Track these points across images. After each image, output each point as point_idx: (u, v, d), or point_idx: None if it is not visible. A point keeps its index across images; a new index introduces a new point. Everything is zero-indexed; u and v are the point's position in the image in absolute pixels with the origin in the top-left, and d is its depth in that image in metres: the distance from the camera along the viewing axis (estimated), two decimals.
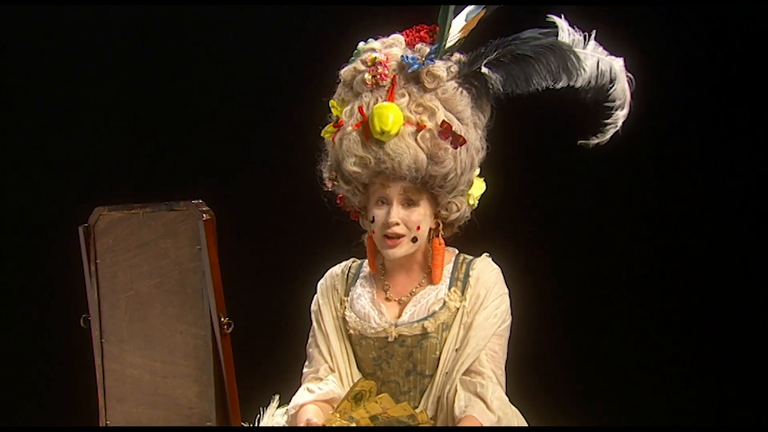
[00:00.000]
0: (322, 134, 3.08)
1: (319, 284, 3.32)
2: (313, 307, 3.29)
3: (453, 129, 2.96)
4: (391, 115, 2.88)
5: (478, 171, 3.11)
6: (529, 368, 3.56)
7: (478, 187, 3.14)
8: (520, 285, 3.19)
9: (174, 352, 2.84)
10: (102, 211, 2.96)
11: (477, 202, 3.15)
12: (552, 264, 4.29)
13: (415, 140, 2.94)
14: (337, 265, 3.31)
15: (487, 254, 3.18)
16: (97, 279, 2.97)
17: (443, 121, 2.94)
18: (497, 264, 3.16)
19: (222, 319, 2.73)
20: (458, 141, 2.93)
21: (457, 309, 3.07)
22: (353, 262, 3.30)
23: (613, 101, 3.05)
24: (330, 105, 3.07)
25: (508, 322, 3.11)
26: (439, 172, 2.95)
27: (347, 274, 3.24)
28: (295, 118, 3.64)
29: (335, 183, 3.07)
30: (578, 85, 3.00)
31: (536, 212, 4.32)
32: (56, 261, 4.34)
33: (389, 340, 3.10)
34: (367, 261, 3.27)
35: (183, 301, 2.78)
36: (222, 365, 2.72)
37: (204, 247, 2.74)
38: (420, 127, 2.93)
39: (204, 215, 2.74)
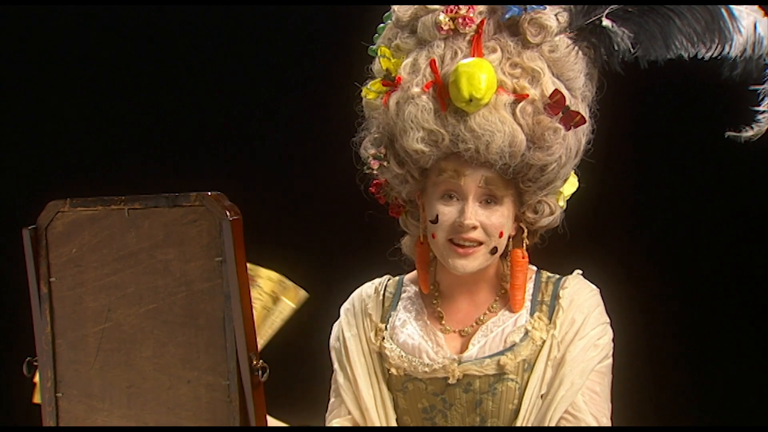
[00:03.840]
0: (362, 94, 2.37)
1: (343, 310, 2.61)
2: (334, 342, 2.60)
3: (567, 102, 2.27)
4: (483, 75, 2.22)
5: (579, 161, 2.44)
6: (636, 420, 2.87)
7: (571, 184, 2.46)
8: (622, 314, 2.58)
9: (177, 410, 2.14)
10: (60, 207, 2.24)
11: (566, 203, 2.47)
12: (663, 288, 3.64)
13: (513, 114, 2.25)
14: (367, 284, 2.63)
15: (580, 272, 2.49)
16: (51, 305, 2.26)
17: (555, 90, 2.27)
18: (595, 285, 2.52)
19: (254, 362, 2.05)
20: (573, 120, 2.25)
21: (543, 341, 2.38)
22: (389, 279, 2.58)
23: None
24: (377, 52, 2.34)
25: (611, 359, 2.44)
26: (541, 161, 2.29)
27: (382, 295, 2.57)
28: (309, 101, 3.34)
29: (383, 164, 2.34)
30: (732, 53, 2.30)
31: (645, 222, 3.65)
32: None
33: (450, 382, 2.42)
34: (407, 277, 2.58)
35: (192, 336, 2.12)
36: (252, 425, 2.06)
37: (229, 259, 2.04)
38: (519, 96, 2.25)
39: (228, 213, 2.05)
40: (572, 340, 2.49)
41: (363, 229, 2.69)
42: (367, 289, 2.66)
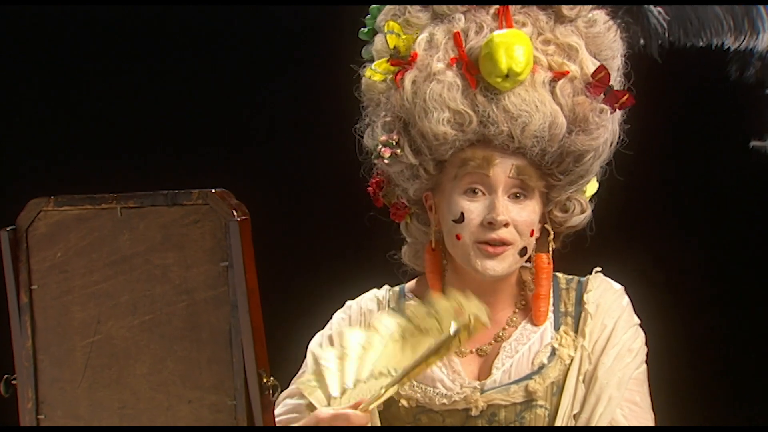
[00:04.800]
0: (367, 75, 2.20)
1: (338, 319, 2.41)
2: (314, 347, 2.38)
3: (610, 80, 2.10)
4: (522, 47, 2.05)
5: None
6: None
7: (592, 183, 2.29)
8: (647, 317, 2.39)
9: None
10: (42, 205, 2.09)
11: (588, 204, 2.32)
12: (698, 292, 3.48)
13: (552, 93, 2.08)
14: (368, 296, 2.42)
15: (599, 269, 2.31)
16: (32, 316, 2.10)
17: (600, 66, 2.10)
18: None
19: (264, 380, 1.89)
20: (619, 100, 2.07)
21: (572, 359, 2.19)
22: (389, 291, 2.37)
23: None
24: (384, 27, 2.17)
25: (646, 365, 2.27)
26: (582, 147, 2.11)
27: (386, 310, 2.33)
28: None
29: (396, 152, 2.15)
30: (759, 47, 2.17)
31: (663, 223, 3.48)
32: None
33: (472, 414, 2.20)
34: (408, 287, 2.41)
35: (194, 350, 1.98)
36: None
37: (237, 264, 1.90)
38: (558, 73, 2.07)
39: (235, 212, 1.91)
40: (604, 348, 2.30)
41: (364, 230, 2.51)
42: (368, 302, 2.42)
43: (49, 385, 2.11)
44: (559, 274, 2.42)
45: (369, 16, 2.36)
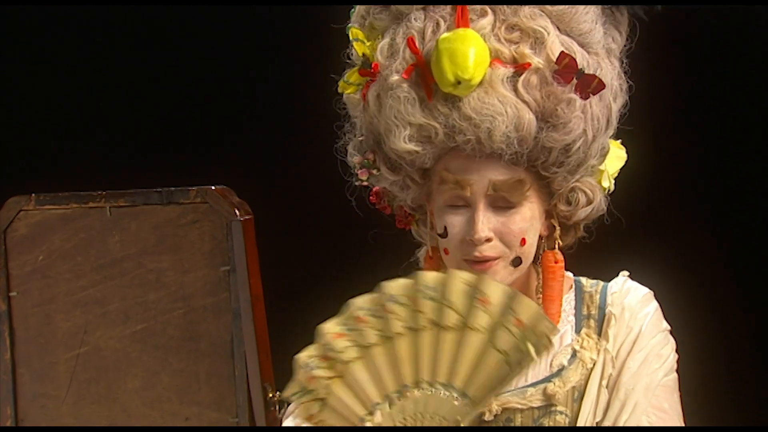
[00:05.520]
0: (339, 90, 2.06)
1: None
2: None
3: (579, 65, 1.96)
4: (470, 50, 1.95)
5: (614, 130, 2.12)
6: None
7: (616, 158, 2.15)
8: (683, 320, 2.24)
9: None
10: (23, 205, 2.09)
11: (613, 182, 2.15)
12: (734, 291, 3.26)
13: (515, 89, 1.95)
14: None
15: (627, 273, 2.19)
16: (11, 326, 2.09)
17: (562, 52, 1.96)
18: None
19: (270, 396, 1.84)
20: (590, 85, 1.95)
21: (594, 363, 2.06)
22: None
23: None
24: (350, 35, 2.03)
25: (677, 374, 2.14)
26: (559, 143, 1.96)
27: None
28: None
29: (373, 172, 2.03)
30: None
31: (712, 205, 3.28)
32: None
33: (486, 418, 2.06)
34: None
35: (192, 363, 1.97)
36: None
37: (240, 268, 1.87)
38: (520, 66, 1.95)
39: (238, 211, 1.88)
40: (629, 353, 2.19)
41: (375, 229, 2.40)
42: None
43: (30, 401, 2.09)
44: (583, 279, 2.32)
45: (349, 21, 2.26)
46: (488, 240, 2.05)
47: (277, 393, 1.84)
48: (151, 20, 3.75)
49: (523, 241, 2.07)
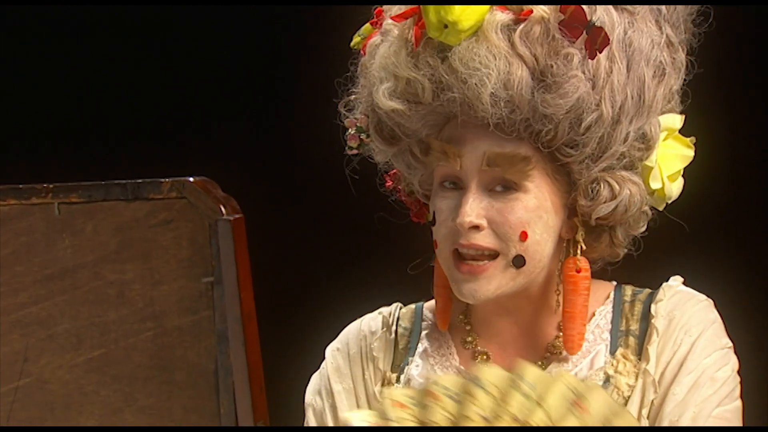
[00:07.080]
0: (352, 45, 1.88)
1: (330, 353, 2.01)
2: (313, 398, 2.01)
3: (587, 16, 1.76)
4: None
5: (677, 122, 1.89)
6: None
7: (676, 156, 1.91)
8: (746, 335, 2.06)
9: None
10: None
11: (674, 189, 1.91)
12: None
13: (509, 42, 1.73)
14: (370, 317, 2.04)
15: (680, 278, 1.96)
16: None
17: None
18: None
19: None
20: (597, 40, 1.71)
21: (632, 389, 1.83)
22: (400, 309, 2.00)
23: None
24: None
25: (740, 401, 1.93)
26: (554, 108, 1.75)
27: (394, 332, 1.97)
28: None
29: (363, 139, 1.83)
30: None
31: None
32: None
33: None
34: (427, 306, 2.02)
35: (164, 398, 1.75)
36: None
37: (228, 280, 1.65)
38: (521, 15, 1.72)
39: (224, 208, 1.66)
40: (676, 375, 1.96)
41: (378, 235, 2.17)
42: (371, 322, 2.06)
43: None
44: (628, 287, 2.09)
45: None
46: (476, 227, 1.83)
47: None
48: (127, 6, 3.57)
49: (523, 235, 1.82)
